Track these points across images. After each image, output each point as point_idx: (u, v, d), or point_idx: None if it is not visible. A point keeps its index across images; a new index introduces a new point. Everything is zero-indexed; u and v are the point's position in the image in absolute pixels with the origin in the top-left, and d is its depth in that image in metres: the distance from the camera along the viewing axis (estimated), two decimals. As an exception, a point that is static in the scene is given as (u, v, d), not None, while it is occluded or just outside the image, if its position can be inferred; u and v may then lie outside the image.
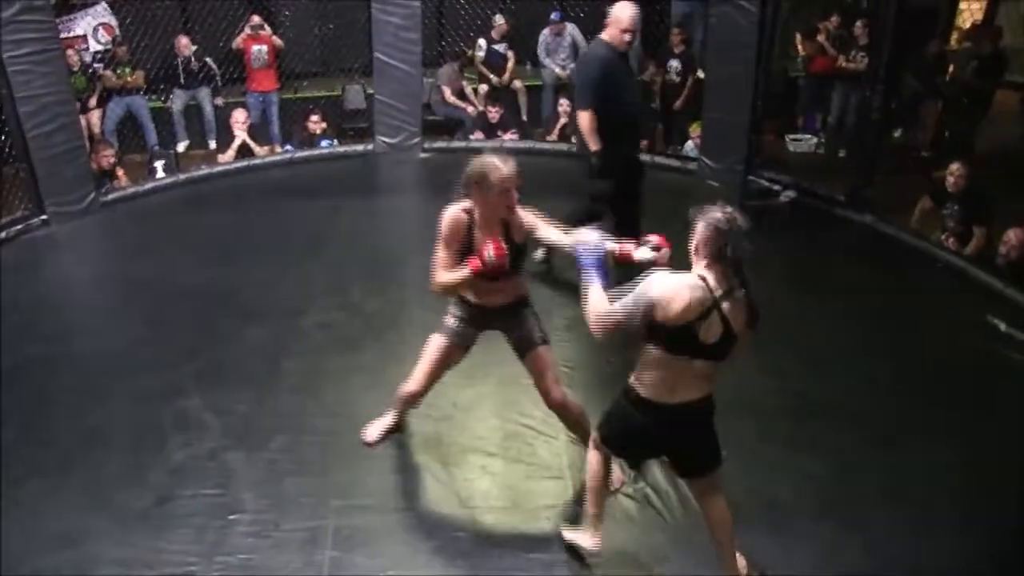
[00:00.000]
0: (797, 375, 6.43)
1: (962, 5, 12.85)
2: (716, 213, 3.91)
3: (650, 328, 3.96)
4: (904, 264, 8.27)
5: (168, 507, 5.08)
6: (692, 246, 3.98)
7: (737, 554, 4.53)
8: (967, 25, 12.44)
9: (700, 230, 3.93)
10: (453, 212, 4.80)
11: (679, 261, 4.16)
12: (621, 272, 4.35)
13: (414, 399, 5.40)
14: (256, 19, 12.00)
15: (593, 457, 4.55)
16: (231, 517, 5.00)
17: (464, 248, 4.77)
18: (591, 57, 7.54)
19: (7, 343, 6.69)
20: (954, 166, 8.50)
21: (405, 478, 5.37)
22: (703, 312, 3.86)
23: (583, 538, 4.69)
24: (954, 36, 13.07)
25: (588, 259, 4.23)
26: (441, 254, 4.80)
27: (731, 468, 5.28)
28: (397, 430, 5.69)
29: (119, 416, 5.91)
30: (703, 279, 3.90)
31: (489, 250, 4.61)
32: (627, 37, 7.11)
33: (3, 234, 8.57)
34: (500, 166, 4.63)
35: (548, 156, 11.11)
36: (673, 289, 3.87)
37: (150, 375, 6.34)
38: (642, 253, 4.54)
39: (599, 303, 4.05)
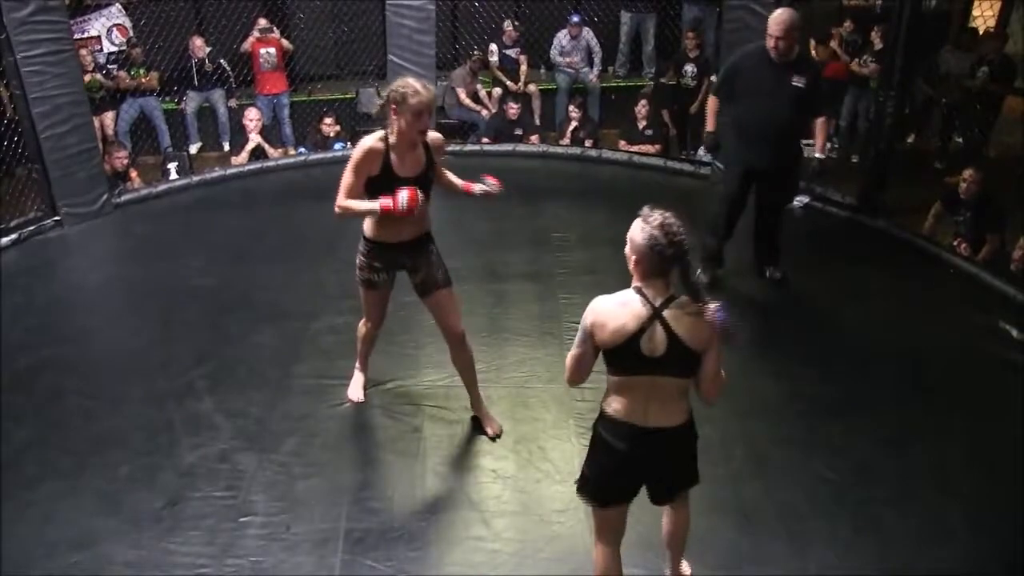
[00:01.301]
0: (810, 378, 6.42)
1: (975, 12, 12.79)
2: (656, 232, 3.60)
3: (602, 355, 3.81)
4: (916, 269, 8.24)
5: (179, 509, 5.10)
6: (628, 255, 3.74)
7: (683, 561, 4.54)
8: (980, 31, 12.37)
9: (637, 244, 3.66)
10: (369, 141, 5.07)
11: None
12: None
13: (374, 333, 5.87)
14: (263, 22, 12.03)
15: (597, 550, 4.23)
16: (242, 519, 5.01)
17: (382, 173, 5.05)
18: (737, 52, 7.70)
19: (21, 344, 6.72)
20: (967, 172, 8.48)
21: (416, 481, 5.36)
22: (640, 326, 3.67)
23: None
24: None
25: None
26: (348, 179, 5.09)
27: (744, 471, 5.30)
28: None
29: (131, 418, 5.92)
30: (639, 291, 3.71)
31: (403, 196, 4.90)
32: (772, 43, 6.93)
33: (16, 235, 8.58)
34: (419, 90, 4.90)
35: (561, 160, 11.12)
36: (605, 311, 3.71)
37: (162, 377, 6.36)
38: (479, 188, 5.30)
39: (568, 359, 3.91)
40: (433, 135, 5.21)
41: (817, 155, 7.49)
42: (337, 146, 11.47)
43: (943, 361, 6.67)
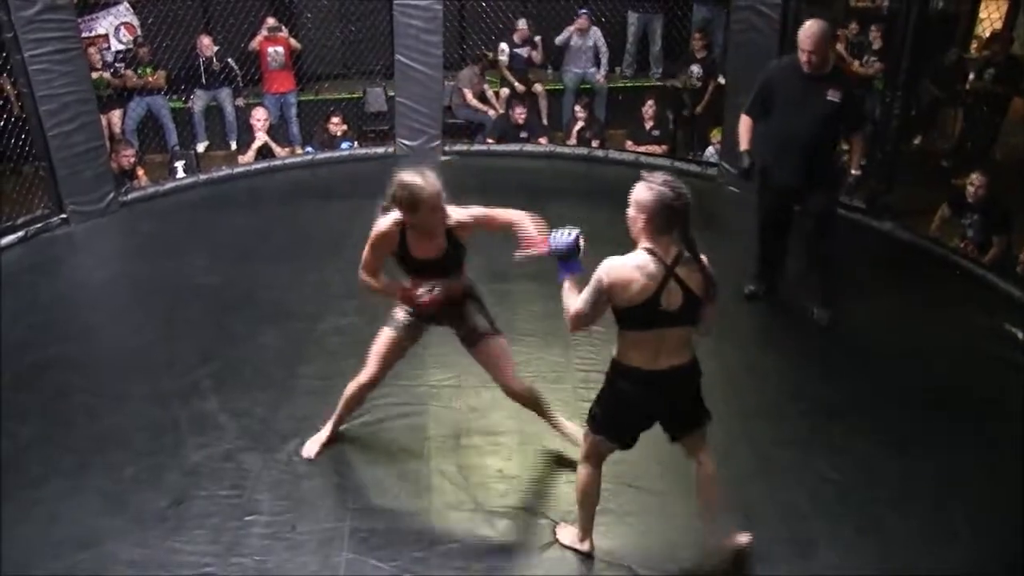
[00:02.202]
0: (813, 379, 6.42)
1: (982, 14, 12.80)
2: (663, 188, 3.94)
3: (615, 313, 4.08)
4: (922, 271, 8.24)
5: (184, 508, 5.10)
6: (634, 218, 4.05)
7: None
8: (987, 33, 12.39)
9: (645, 203, 3.97)
10: (384, 225, 4.85)
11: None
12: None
13: (365, 391, 5.44)
14: (272, 21, 12.06)
15: (583, 470, 4.58)
16: (247, 519, 5.01)
17: (400, 254, 4.91)
18: (769, 64, 7.51)
19: (26, 342, 6.73)
20: (974, 176, 8.48)
21: (421, 480, 5.36)
22: (659, 285, 3.97)
23: (577, 542, 4.78)
24: (973, 44, 13.04)
25: (558, 254, 4.25)
26: (366, 254, 4.93)
27: (747, 472, 5.29)
28: (334, 440, 5.68)
29: (136, 416, 5.93)
30: (651, 252, 4.00)
31: (422, 296, 4.84)
32: (804, 57, 6.71)
33: (23, 233, 8.60)
34: (424, 186, 4.63)
35: (568, 160, 11.11)
36: (625, 273, 3.97)
37: (167, 376, 6.37)
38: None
39: (568, 301, 4.16)
40: (459, 217, 4.88)
41: (853, 171, 7.26)
42: (344, 145, 11.50)
43: (947, 363, 6.67)
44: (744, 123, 7.22)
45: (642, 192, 3.98)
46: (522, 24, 12.74)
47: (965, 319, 7.30)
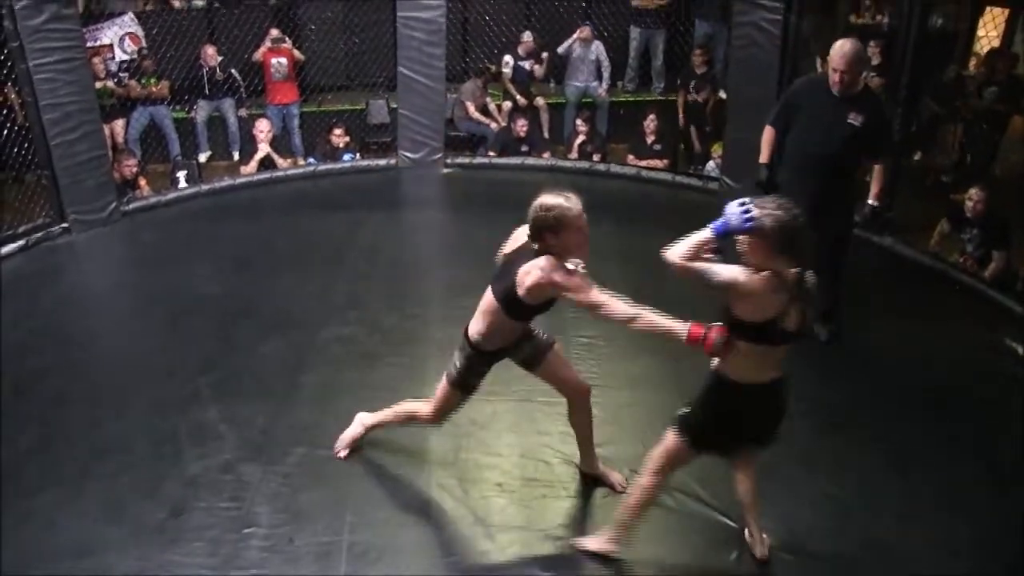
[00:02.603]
0: (813, 394, 6.38)
1: (980, 32, 12.85)
2: (777, 211, 4.04)
3: (737, 325, 4.16)
4: (922, 286, 8.26)
5: (182, 520, 5.09)
6: (754, 243, 4.08)
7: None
8: (984, 51, 12.44)
9: (768, 228, 4.02)
10: (556, 264, 4.43)
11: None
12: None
13: (415, 422, 5.38)
14: (275, 32, 12.06)
15: (655, 479, 4.61)
16: (246, 531, 5.01)
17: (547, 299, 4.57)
18: (796, 81, 7.48)
19: (26, 350, 6.74)
20: (973, 191, 8.51)
21: (421, 494, 5.36)
22: (784, 305, 4.09)
23: (603, 544, 4.80)
24: (972, 61, 13.09)
25: (723, 219, 4.11)
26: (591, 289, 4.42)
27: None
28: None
29: (135, 425, 5.93)
30: (776, 274, 4.07)
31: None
32: (835, 76, 6.56)
33: (24, 241, 8.61)
34: (566, 203, 4.40)
35: (569, 173, 11.10)
36: (764, 296, 4.06)
37: (167, 385, 6.37)
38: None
39: (689, 244, 4.12)
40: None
41: (871, 202, 7.06)
42: (346, 157, 11.50)
43: (948, 378, 6.69)
44: (767, 135, 7.13)
45: (761, 217, 4.04)
46: (527, 37, 12.76)
47: (965, 333, 7.32)
